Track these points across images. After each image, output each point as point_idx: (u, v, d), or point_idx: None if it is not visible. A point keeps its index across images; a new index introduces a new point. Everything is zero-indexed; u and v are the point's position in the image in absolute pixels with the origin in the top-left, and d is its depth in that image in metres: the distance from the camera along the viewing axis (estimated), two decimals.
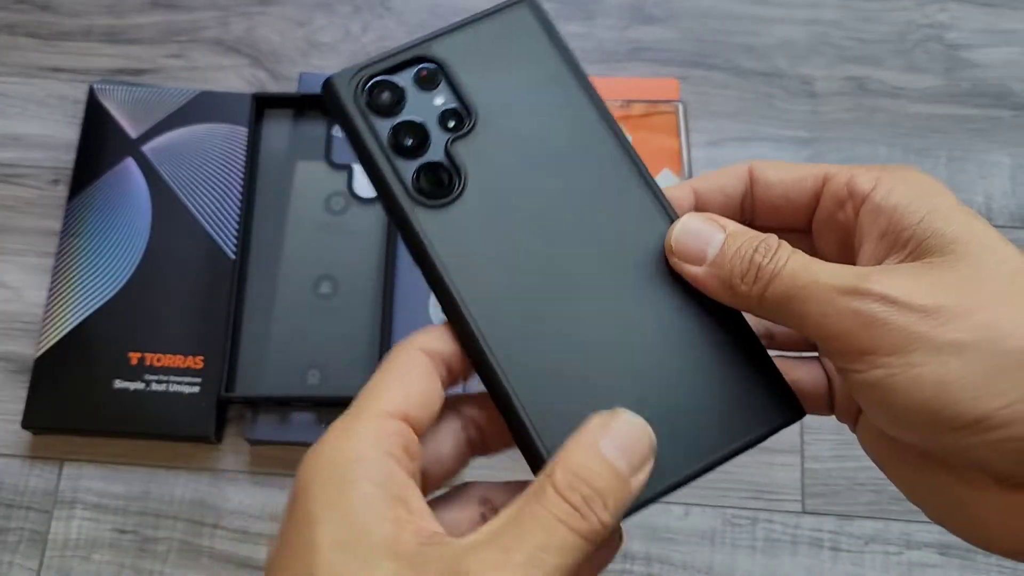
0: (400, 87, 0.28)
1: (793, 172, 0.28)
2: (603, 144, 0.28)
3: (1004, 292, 0.23)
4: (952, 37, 0.61)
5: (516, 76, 0.28)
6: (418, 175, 0.27)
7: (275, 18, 0.62)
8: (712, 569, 0.50)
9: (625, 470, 0.23)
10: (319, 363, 0.52)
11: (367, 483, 0.22)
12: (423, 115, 0.28)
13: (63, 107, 0.60)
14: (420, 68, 0.28)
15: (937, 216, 0.24)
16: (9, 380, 0.54)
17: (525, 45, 0.29)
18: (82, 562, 0.51)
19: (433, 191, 0.27)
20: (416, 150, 0.27)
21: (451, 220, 0.27)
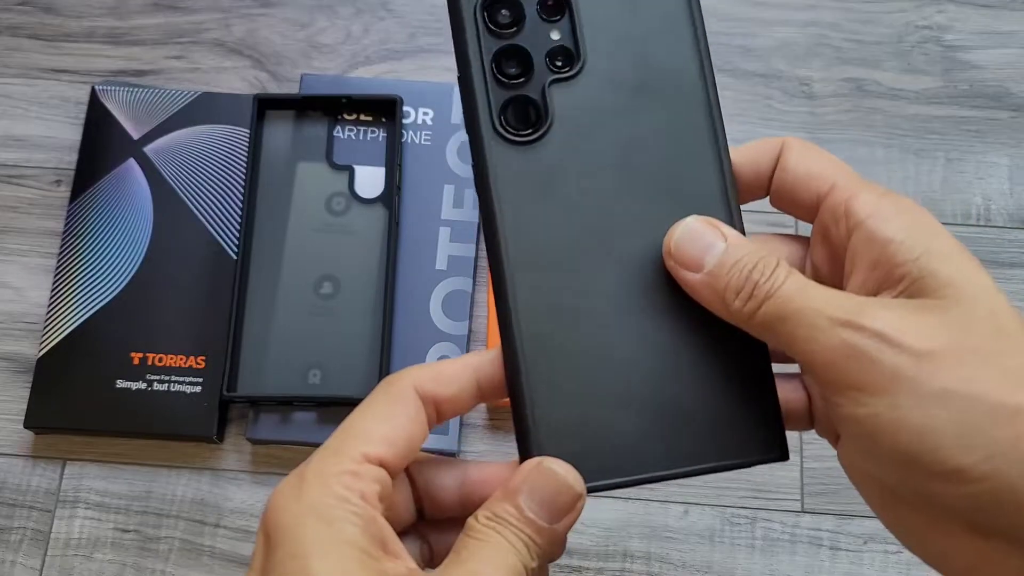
0: (522, 9, 0.27)
1: (811, 165, 0.27)
2: (696, 131, 0.27)
3: (992, 345, 0.23)
4: (950, 39, 0.61)
5: (639, 33, 0.27)
6: (507, 106, 0.26)
7: (277, 20, 0.62)
8: (711, 568, 0.50)
9: (544, 522, 0.24)
10: (320, 363, 0.52)
11: (352, 525, 0.23)
12: (534, 45, 0.27)
13: (65, 108, 0.60)
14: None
15: (933, 257, 0.24)
16: (11, 380, 0.54)
17: (660, 4, 0.28)
18: (84, 561, 0.51)
19: (517, 127, 0.26)
20: (516, 79, 0.26)
21: (522, 160, 0.26)
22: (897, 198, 0.26)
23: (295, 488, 0.24)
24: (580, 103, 0.27)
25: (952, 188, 0.58)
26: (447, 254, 0.55)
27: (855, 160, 0.58)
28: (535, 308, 0.26)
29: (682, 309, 0.26)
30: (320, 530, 0.23)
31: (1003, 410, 0.22)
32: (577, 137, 0.26)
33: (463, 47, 0.26)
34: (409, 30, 0.62)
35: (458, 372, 0.26)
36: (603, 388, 0.26)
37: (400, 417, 0.25)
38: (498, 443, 0.53)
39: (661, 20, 0.28)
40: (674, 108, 0.27)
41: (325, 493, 0.24)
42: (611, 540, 0.51)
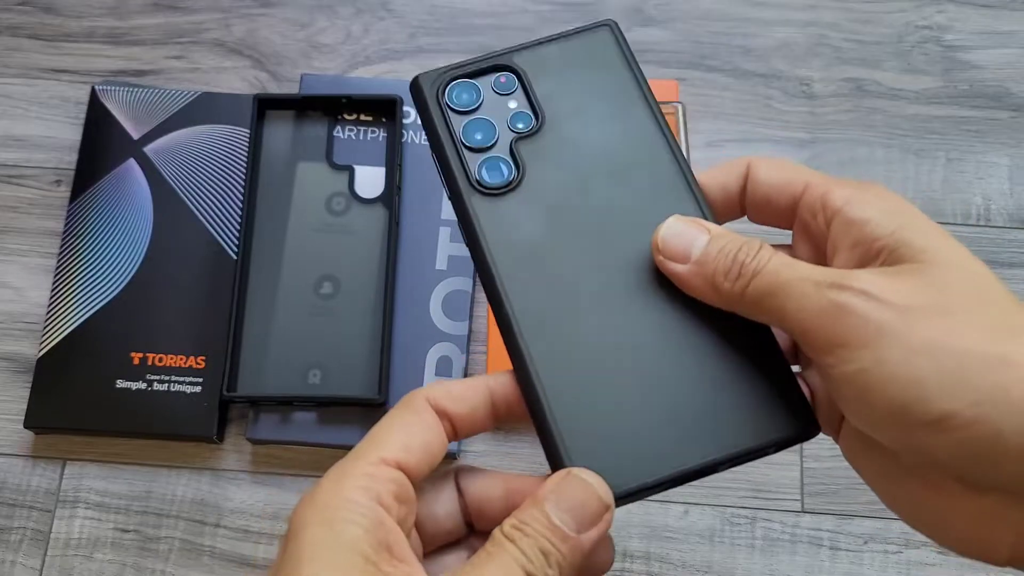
0: (478, 89, 0.30)
1: (781, 174, 0.28)
2: (660, 165, 0.30)
3: (973, 299, 0.24)
4: (950, 39, 0.61)
5: (586, 90, 0.30)
6: (481, 166, 0.29)
7: (277, 20, 0.62)
8: (711, 568, 0.50)
9: (572, 531, 0.24)
10: (320, 363, 0.52)
11: (356, 527, 0.23)
12: (495, 116, 0.30)
13: (65, 108, 0.60)
14: (499, 75, 0.30)
15: (908, 229, 0.25)
16: (11, 380, 0.54)
17: (600, 64, 0.31)
18: (84, 561, 0.51)
19: (492, 181, 0.29)
20: (484, 146, 0.30)
21: (503, 209, 0.29)
22: (870, 185, 0.27)
23: (312, 492, 0.25)
24: (546, 152, 0.30)
25: (952, 188, 0.58)
26: (447, 254, 0.55)
27: (855, 160, 0.58)
28: (540, 329, 0.27)
29: (680, 307, 0.28)
30: (320, 533, 0.23)
31: (986, 358, 0.23)
32: (550, 179, 0.29)
33: (433, 129, 0.30)
34: (409, 30, 0.62)
35: (471, 390, 0.27)
36: (621, 393, 0.27)
37: (416, 426, 0.26)
38: (498, 443, 0.53)
39: (604, 75, 0.31)
40: (635, 148, 0.30)
41: (335, 495, 0.24)
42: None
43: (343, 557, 0.23)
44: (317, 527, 0.23)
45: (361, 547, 0.23)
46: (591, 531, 0.25)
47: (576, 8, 0.62)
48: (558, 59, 0.31)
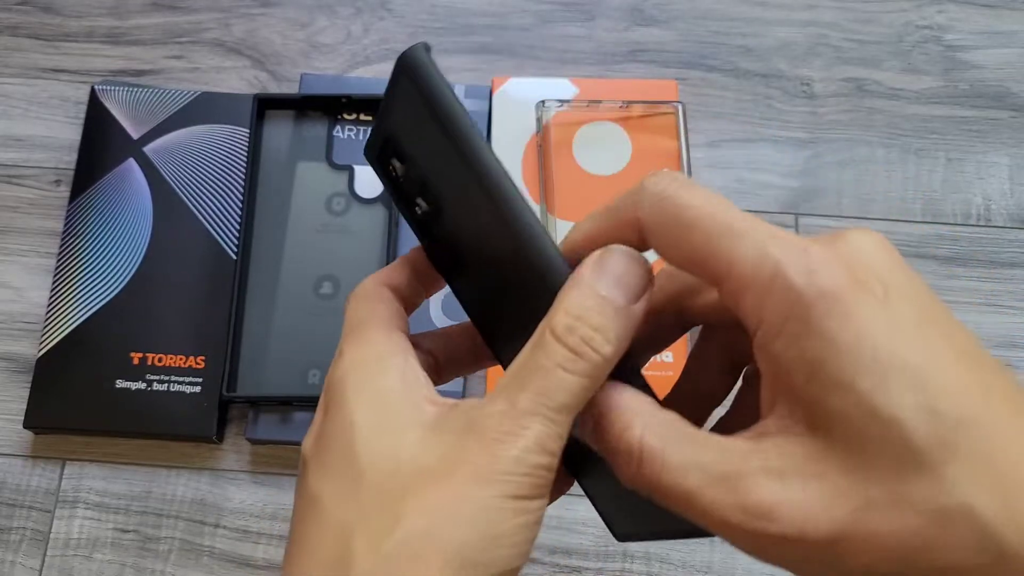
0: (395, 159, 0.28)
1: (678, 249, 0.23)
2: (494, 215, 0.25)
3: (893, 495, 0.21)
4: (950, 38, 0.61)
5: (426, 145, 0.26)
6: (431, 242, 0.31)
7: (276, 19, 0.62)
8: (711, 568, 0.50)
9: (622, 301, 0.23)
10: (320, 363, 0.52)
11: (392, 374, 0.26)
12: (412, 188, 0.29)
13: (65, 108, 0.60)
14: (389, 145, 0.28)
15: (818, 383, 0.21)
16: (11, 380, 0.54)
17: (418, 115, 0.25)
18: (84, 561, 0.51)
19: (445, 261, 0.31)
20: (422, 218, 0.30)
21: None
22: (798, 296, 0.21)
23: (338, 357, 0.27)
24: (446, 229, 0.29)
25: (952, 188, 0.58)
26: None
27: (855, 160, 0.58)
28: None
29: None
30: (360, 380, 0.25)
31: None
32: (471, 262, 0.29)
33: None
34: (409, 30, 0.62)
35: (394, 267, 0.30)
36: None
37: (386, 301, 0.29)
38: None
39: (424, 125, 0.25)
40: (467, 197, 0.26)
41: (362, 348, 0.27)
42: (611, 540, 0.51)
43: (385, 400, 0.25)
44: (359, 379, 0.26)
45: (398, 389, 0.25)
46: (641, 303, 0.23)
47: (576, 7, 0.62)
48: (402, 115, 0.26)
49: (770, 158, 0.58)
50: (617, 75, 0.60)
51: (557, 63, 0.60)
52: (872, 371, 0.20)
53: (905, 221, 0.57)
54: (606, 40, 0.61)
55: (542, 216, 0.55)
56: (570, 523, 0.51)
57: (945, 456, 0.20)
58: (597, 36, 0.61)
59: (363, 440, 0.24)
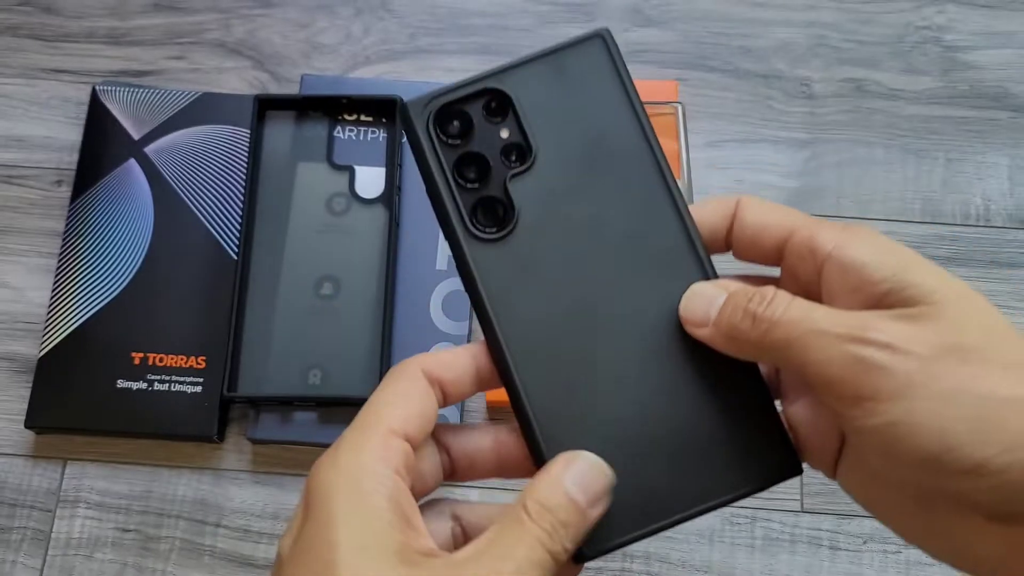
0: (469, 117, 0.29)
1: (767, 217, 0.28)
2: (653, 194, 0.28)
3: (989, 339, 0.24)
4: (950, 39, 0.61)
5: (580, 115, 0.29)
6: (476, 208, 0.28)
7: (277, 20, 0.62)
8: (711, 568, 0.50)
9: (583, 503, 0.26)
10: (320, 363, 0.52)
11: (380, 496, 0.25)
12: (487, 147, 0.29)
13: (66, 108, 0.60)
14: (489, 99, 0.29)
15: (909, 270, 0.25)
16: (12, 380, 0.54)
17: (593, 82, 0.29)
18: (85, 561, 0.51)
19: (488, 224, 0.28)
20: (477, 181, 0.28)
21: (500, 255, 0.28)
22: (855, 228, 0.27)
23: (331, 458, 0.26)
24: (539, 192, 0.28)
25: (952, 188, 0.58)
26: (447, 254, 0.55)
27: (855, 160, 0.58)
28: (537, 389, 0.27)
29: (671, 360, 0.28)
30: (350, 498, 0.25)
31: (1013, 403, 0.23)
32: (543, 224, 0.28)
33: (426, 165, 0.28)
34: (409, 31, 0.62)
35: (458, 359, 0.28)
36: (617, 445, 0.27)
37: (413, 394, 0.27)
38: None
39: (596, 95, 0.29)
40: (627, 177, 0.29)
41: (358, 465, 0.25)
42: None
43: (374, 524, 0.24)
44: (345, 494, 0.25)
45: (388, 516, 0.24)
46: (598, 507, 0.26)
47: (576, 8, 0.62)
48: (549, 80, 0.29)
49: (770, 158, 0.59)
50: None
51: None
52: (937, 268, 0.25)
53: (904, 221, 0.57)
54: None
55: None
56: None
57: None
58: None
59: (343, 563, 0.23)
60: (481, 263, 0.28)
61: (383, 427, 0.26)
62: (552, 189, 0.28)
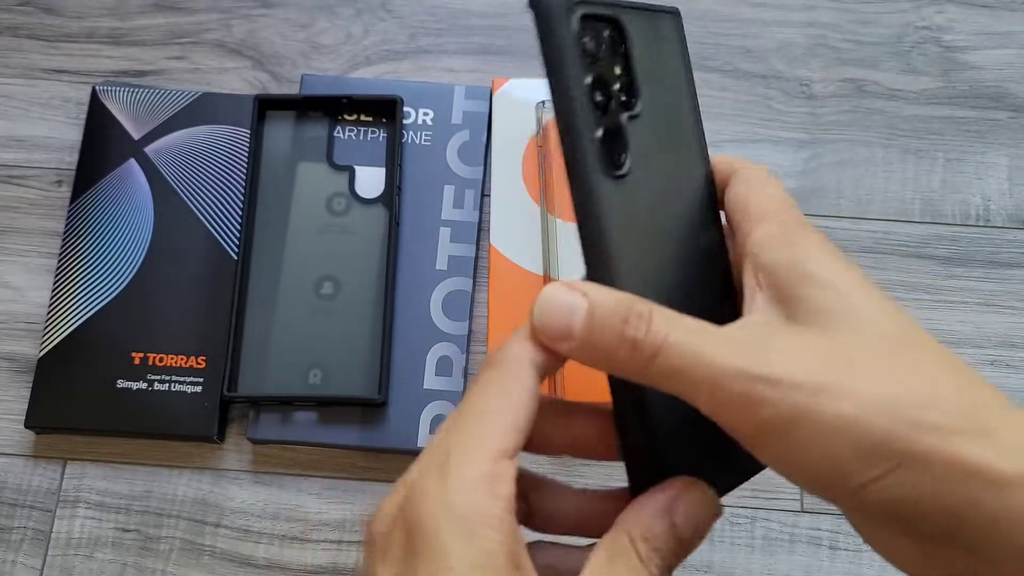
0: (599, 37, 0.27)
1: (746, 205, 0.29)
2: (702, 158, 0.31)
3: (883, 365, 0.24)
4: (949, 39, 0.61)
5: (665, 76, 0.30)
6: (605, 139, 0.26)
7: (277, 21, 0.62)
8: (711, 567, 0.50)
9: (689, 538, 0.26)
10: (321, 363, 0.52)
11: (494, 542, 0.23)
12: (612, 77, 0.27)
13: (66, 109, 0.60)
14: (611, 29, 0.27)
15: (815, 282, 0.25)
16: (12, 380, 0.54)
17: (672, 50, 0.30)
18: (85, 561, 0.51)
19: (613, 159, 0.27)
20: (604, 112, 0.27)
21: (620, 192, 0.26)
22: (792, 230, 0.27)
23: (439, 485, 0.24)
24: (643, 139, 0.28)
25: (951, 188, 0.58)
26: (447, 254, 0.55)
27: (854, 160, 0.59)
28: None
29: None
30: (463, 542, 0.23)
31: (899, 427, 0.23)
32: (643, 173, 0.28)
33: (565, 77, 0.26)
34: (409, 31, 0.62)
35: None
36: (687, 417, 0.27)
37: (521, 400, 0.25)
38: None
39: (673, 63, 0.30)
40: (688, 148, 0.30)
41: (469, 503, 0.24)
42: None
43: (484, 559, 0.23)
44: (459, 537, 0.23)
45: (500, 560, 0.23)
46: (699, 542, 0.26)
47: None
48: (648, 33, 0.29)
49: (769, 158, 0.59)
50: None
51: None
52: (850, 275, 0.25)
53: (904, 221, 0.57)
54: None
55: (542, 216, 0.55)
56: None
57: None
58: None
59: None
60: (607, 197, 0.26)
61: (492, 449, 0.24)
62: (650, 139, 0.28)
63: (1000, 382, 0.54)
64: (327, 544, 0.51)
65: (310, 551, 0.51)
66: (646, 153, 0.28)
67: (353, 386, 0.52)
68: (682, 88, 0.30)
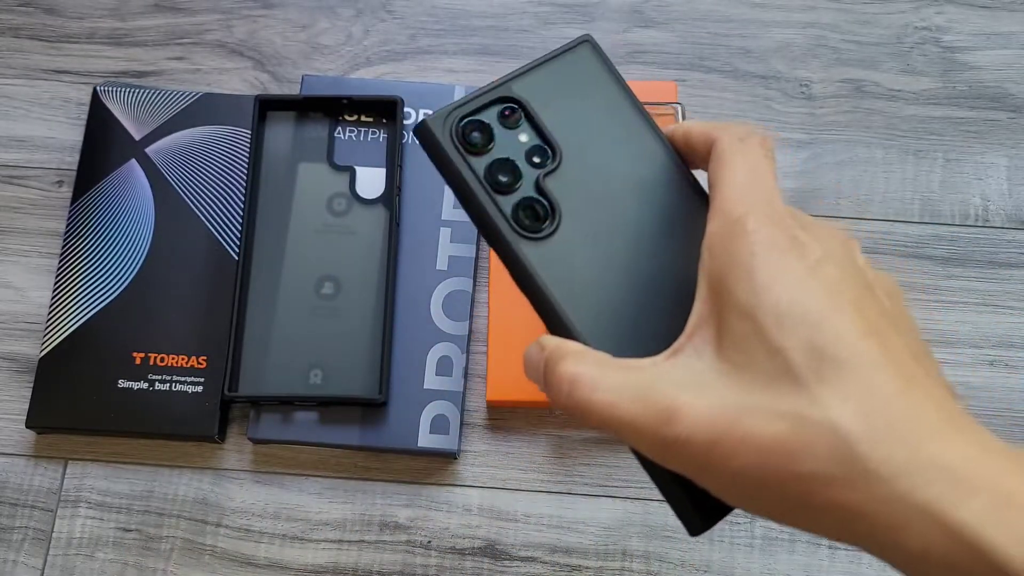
0: (489, 126, 0.30)
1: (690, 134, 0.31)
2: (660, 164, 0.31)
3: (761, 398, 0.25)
4: (949, 40, 0.61)
5: (584, 109, 0.31)
6: (517, 211, 0.30)
7: (278, 21, 0.62)
8: (711, 567, 0.51)
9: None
10: (321, 363, 0.52)
11: None
12: (512, 152, 0.30)
13: (67, 109, 0.60)
14: (503, 108, 0.31)
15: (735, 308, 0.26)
16: (13, 380, 0.54)
17: (588, 80, 0.32)
18: (86, 560, 0.51)
19: (531, 224, 0.30)
20: (510, 186, 0.30)
21: (551, 250, 0.30)
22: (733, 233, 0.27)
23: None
24: (572, 184, 0.30)
25: (951, 188, 0.58)
26: (447, 254, 0.55)
27: (854, 161, 0.59)
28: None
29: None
30: None
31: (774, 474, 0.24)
32: (584, 211, 0.30)
33: (457, 174, 0.30)
34: (410, 31, 0.62)
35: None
36: None
37: None
38: (497, 443, 0.53)
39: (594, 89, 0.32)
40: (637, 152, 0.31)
41: None
42: (610, 540, 0.51)
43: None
44: None
45: None
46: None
47: (576, 9, 0.62)
48: (551, 83, 0.31)
49: None
50: None
51: None
52: (773, 308, 0.25)
53: (903, 222, 0.57)
54: (605, 41, 0.61)
55: None
56: (570, 522, 0.51)
57: (818, 381, 0.24)
58: (596, 37, 0.61)
59: None
60: (536, 261, 0.29)
61: None
62: (581, 182, 0.30)
63: (1000, 382, 0.54)
64: (327, 544, 0.51)
65: (310, 551, 0.51)
66: (579, 197, 0.30)
67: (353, 386, 0.52)
68: (615, 105, 0.32)
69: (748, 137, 0.29)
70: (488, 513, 0.52)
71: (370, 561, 0.51)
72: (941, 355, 0.55)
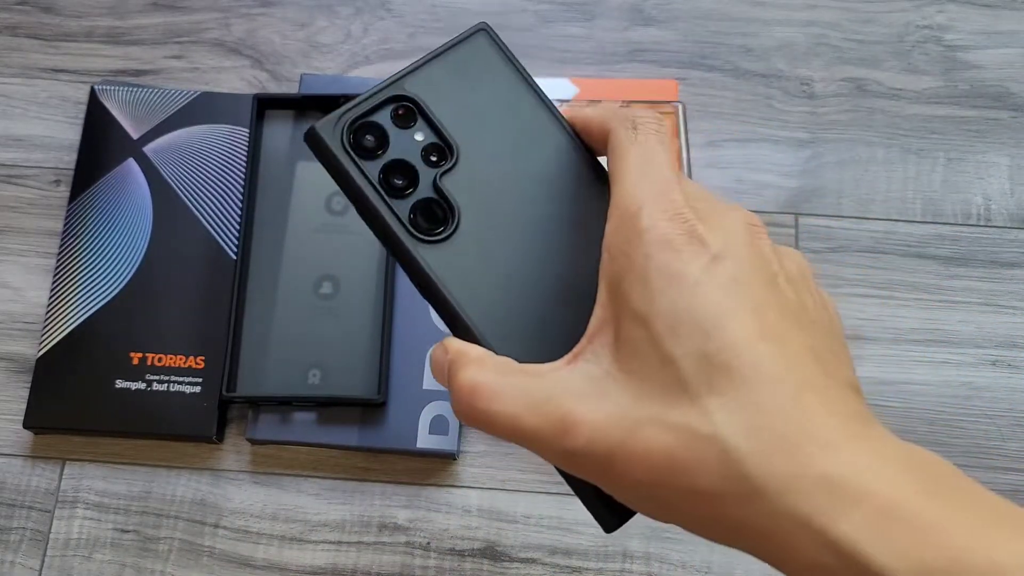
0: (382, 127, 0.29)
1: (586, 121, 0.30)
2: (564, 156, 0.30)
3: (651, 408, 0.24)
4: (950, 39, 0.61)
5: (483, 103, 0.30)
6: (414, 213, 0.28)
7: (276, 20, 0.62)
8: (711, 568, 0.50)
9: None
10: (320, 363, 0.52)
11: None
12: (407, 153, 0.29)
13: (65, 108, 0.60)
14: (396, 107, 0.29)
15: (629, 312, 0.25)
16: (10, 380, 0.54)
17: (486, 71, 0.31)
18: (83, 561, 0.51)
19: (430, 227, 0.28)
20: (407, 188, 0.29)
21: (451, 252, 0.28)
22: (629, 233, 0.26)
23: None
24: (470, 181, 0.29)
25: (952, 188, 0.58)
26: None
27: (855, 160, 0.58)
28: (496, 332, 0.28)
29: None
30: None
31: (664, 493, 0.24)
32: (484, 208, 0.29)
33: (349, 180, 0.29)
34: (408, 30, 0.62)
35: None
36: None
37: None
38: (497, 443, 0.53)
39: (492, 80, 0.30)
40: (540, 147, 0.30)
41: None
42: (610, 540, 0.51)
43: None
44: None
45: None
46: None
47: (575, 8, 0.62)
48: (446, 77, 0.30)
49: (770, 158, 0.58)
50: (617, 75, 0.60)
51: (557, 63, 0.60)
52: (666, 315, 0.24)
53: (905, 221, 0.57)
54: (606, 40, 0.61)
55: None
56: (570, 523, 0.51)
57: (708, 392, 0.23)
58: (597, 36, 0.61)
59: None
60: (436, 264, 0.28)
61: None
62: (480, 177, 0.29)
63: (1002, 382, 0.54)
64: (326, 544, 0.51)
65: (309, 551, 0.51)
66: (479, 195, 0.29)
67: (352, 386, 0.52)
68: (515, 96, 0.30)
69: (641, 125, 0.28)
70: (488, 514, 0.51)
71: (369, 562, 0.51)
72: (944, 355, 0.54)
